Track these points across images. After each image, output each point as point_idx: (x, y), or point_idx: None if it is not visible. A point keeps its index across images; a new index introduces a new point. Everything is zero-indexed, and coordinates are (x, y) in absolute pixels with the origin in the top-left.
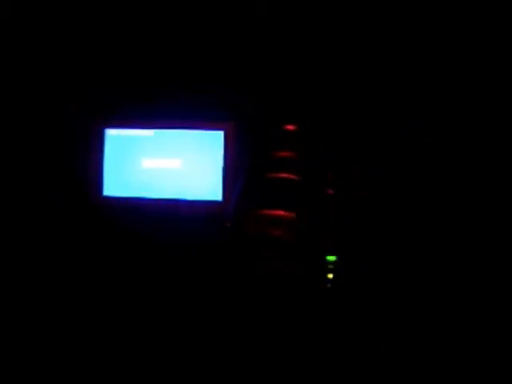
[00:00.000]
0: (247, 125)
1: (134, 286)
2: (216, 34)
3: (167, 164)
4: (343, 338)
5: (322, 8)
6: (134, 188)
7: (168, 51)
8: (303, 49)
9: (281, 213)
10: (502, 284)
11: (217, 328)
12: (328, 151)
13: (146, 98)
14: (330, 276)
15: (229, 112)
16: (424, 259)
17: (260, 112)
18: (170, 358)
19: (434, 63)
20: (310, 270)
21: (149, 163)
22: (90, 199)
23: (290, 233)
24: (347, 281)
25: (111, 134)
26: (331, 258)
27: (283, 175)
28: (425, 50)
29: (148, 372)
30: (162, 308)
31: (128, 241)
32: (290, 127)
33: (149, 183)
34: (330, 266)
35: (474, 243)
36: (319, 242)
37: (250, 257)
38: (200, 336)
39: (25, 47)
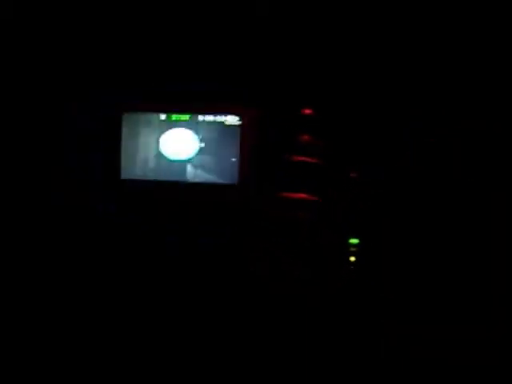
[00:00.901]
0: (265, 109)
1: (146, 273)
2: (233, 15)
3: (184, 147)
4: (343, 338)
5: (320, 9)
6: (150, 171)
7: (187, 34)
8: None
9: (303, 196)
10: (502, 284)
11: (221, 325)
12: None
13: (164, 81)
14: (353, 259)
15: (247, 96)
16: (424, 259)
17: (278, 96)
18: (170, 356)
19: (434, 63)
20: (314, 273)
21: (165, 146)
22: (107, 183)
23: (312, 215)
24: (370, 265)
25: (128, 117)
26: (354, 240)
27: (303, 159)
28: (425, 49)
29: (149, 371)
30: (170, 299)
31: (144, 224)
32: (309, 111)
33: (165, 166)
34: (353, 249)
35: (474, 243)
36: (341, 225)
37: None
38: (201, 333)
39: (25, 47)
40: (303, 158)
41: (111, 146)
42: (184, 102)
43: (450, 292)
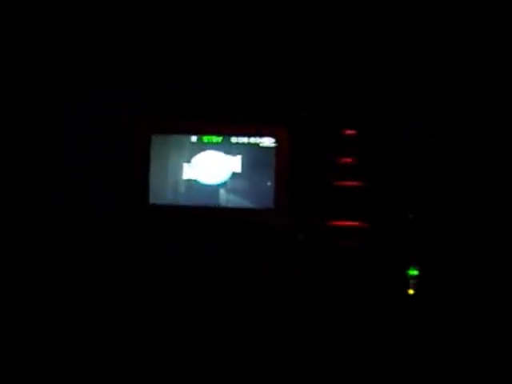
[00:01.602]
0: (302, 129)
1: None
2: (265, 27)
3: (215, 169)
4: (343, 338)
5: (322, 9)
6: (181, 196)
7: (216, 49)
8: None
9: (352, 223)
10: (502, 284)
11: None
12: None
13: (194, 101)
14: (412, 292)
15: (281, 116)
16: (423, 259)
17: (316, 116)
18: (171, 356)
19: (434, 63)
20: (314, 273)
21: (195, 169)
22: (135, 207)
23: (364, 244)
24: (433, 297)
25: (157, 139)
26: (413, 271)
27: (349, 183)
28: (425, 49)
29: (149, 371)
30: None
31: (174, 250)
32: (350, 132)
33: (196, 190)
34: (412, 282)
35: (473, 243)
36: (397, 255)
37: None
38: (200, 335)
39: (25, 47)
40: (346, 182)
41: (139, 169)
42: (216, 122)
43: (450, 292)
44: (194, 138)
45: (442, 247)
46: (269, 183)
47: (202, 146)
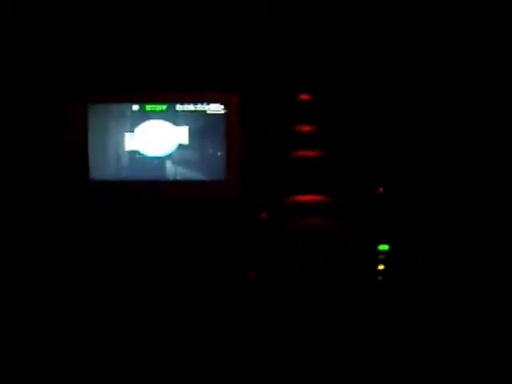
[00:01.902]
0: (254, 95)
1: (129, 281)
2: None
3: (160, 140)
4: (343, 338)
5: (324, 8)
6: (124, 170)
7: (162, 13)
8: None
9: (311, 198)
10: (502, 284)
11: (216, 328)
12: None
13: (135, 67)
14: (381, 267)
15: (232, 81)
16: (424, 259)
17: (269, 80)
18: (169, 358)
19: (434, 63)
20: (313, 272)
21: (140, 141)
22: (74, 184)
23: (327, 221)
24: (401, 273)
25: (95, 110)
26: (383, 247)
27: (306, 153)
28: (425, 49)
29: (148, 371)
30: (158, 306)
31: (120, 231)
32: (306, 97)
33: (140, 164)
34: (382, 257)
35: (474, 243)
36: (366, 229)
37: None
38: (199, 335)
39: (25, 47)
40: (303, 153)
41: (76, 142)
42: (160, 89)
43: (450, 292)
44: (135, 107)
45: (440, 243)
46: (219, 153)
47: (145, 115)
